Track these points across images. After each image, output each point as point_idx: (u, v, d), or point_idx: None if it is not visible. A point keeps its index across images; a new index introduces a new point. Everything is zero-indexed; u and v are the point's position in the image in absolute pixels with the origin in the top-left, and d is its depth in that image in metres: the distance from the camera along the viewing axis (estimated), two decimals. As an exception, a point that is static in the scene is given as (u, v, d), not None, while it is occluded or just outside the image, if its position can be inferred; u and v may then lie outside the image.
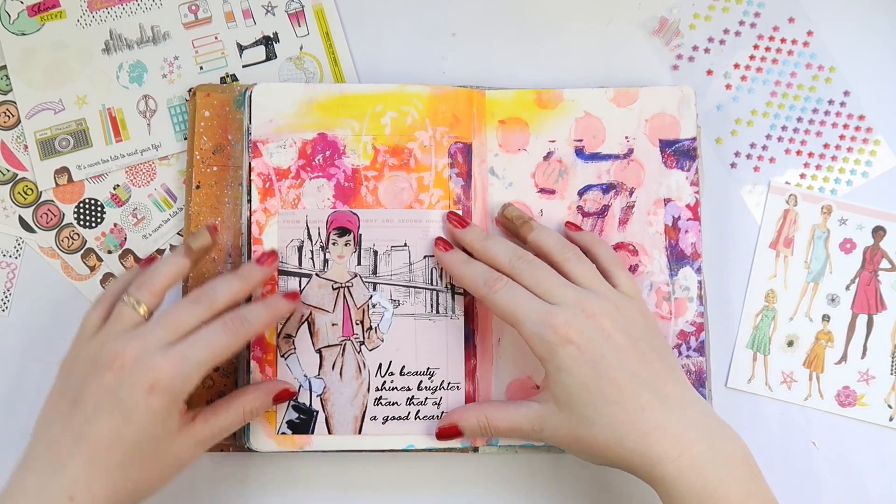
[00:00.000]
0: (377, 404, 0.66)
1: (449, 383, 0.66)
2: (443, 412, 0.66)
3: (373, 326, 0.67)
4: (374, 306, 0.67)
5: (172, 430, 0.59)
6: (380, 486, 0.69)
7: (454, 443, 0.66)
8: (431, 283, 0.67)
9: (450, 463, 0.69)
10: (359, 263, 0.67)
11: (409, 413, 0.66)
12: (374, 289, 0.67)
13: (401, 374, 0.66)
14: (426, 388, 0.66)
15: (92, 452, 0.57)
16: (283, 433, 0.66)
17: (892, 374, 0.70)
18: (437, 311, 0.67)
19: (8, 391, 0.69)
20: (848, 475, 0.69)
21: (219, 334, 0.59)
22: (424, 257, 0.67)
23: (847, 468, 0.69)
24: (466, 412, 0.64)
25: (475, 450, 0.67)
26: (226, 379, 0.68)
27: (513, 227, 0.67)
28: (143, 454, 0.58)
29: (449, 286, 0.67)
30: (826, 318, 0.71)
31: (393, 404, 0.66)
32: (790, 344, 0.70)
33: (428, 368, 0.66)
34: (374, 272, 0.67)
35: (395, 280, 0.67)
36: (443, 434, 0.64)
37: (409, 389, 0.66)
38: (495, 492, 0.69)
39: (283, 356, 0.66)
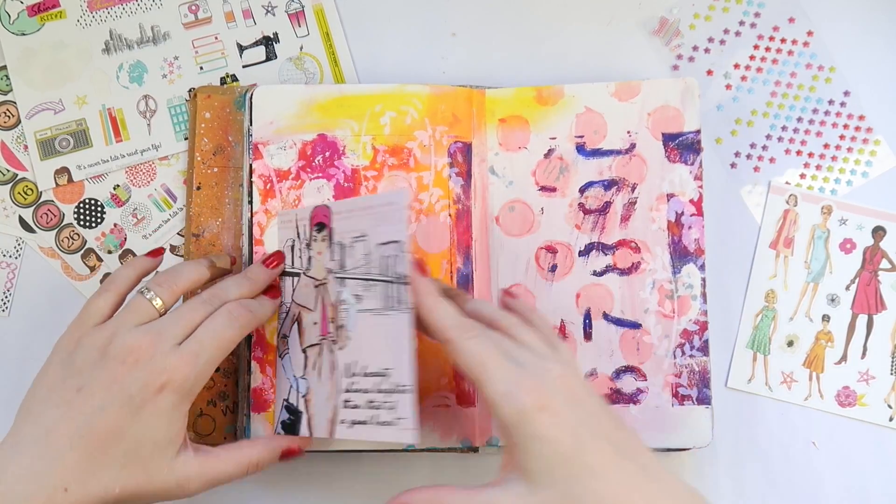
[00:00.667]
0: (346, 406, 0.61)
1: (400, 385, 0.58)
2: (399, 418, 0.58)
3: (342, 324, 0.62)
4: (343, 303, 0.62)
5: (174, 438, 0.58)
6: (379, 486, 0.69)
7: (454, 442, 0.66)
8: (387, 274, 0.60)
9: (449, 463, 0.69)
10: (331, 258, 0.64)
11: (371, 417, 0.60)
12: (343, 284, 0.62)
13: (364, 374, 0.61)
14: (384, 390, 0.59)
15: (93, 445, 0.55)
16: (279, 433, 0.66)
17: (892, 374, 0.70)
18: (393, 306, 0.60)
19: (8, 391, 0.69)
20: (848, 475, 0.69)
21: (226, 329, 0.59)
22: (378, 245, 0.61)
23: (847, 468, 0.69)
24: (419, 493, 0.56)
25: (475, 450, 0.67)
26: (226, 379, 0.68)
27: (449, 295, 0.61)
28: (141, 459, 0.57)
29: (397, 275, 0.60)
30: (826, 318, 0.71)
31: (356, 407, 0.61)
32: (790, 344, 0.70)
33: (385, 369, 0.59)
34: (343, 266, 0.63)
35: (356, 273, 0.62)
36: None
37: (367, 392, 0.60)
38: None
39: (280, 356, 0.66)
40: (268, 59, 0.73)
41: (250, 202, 0.68)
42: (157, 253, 0.65)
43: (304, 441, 0.63)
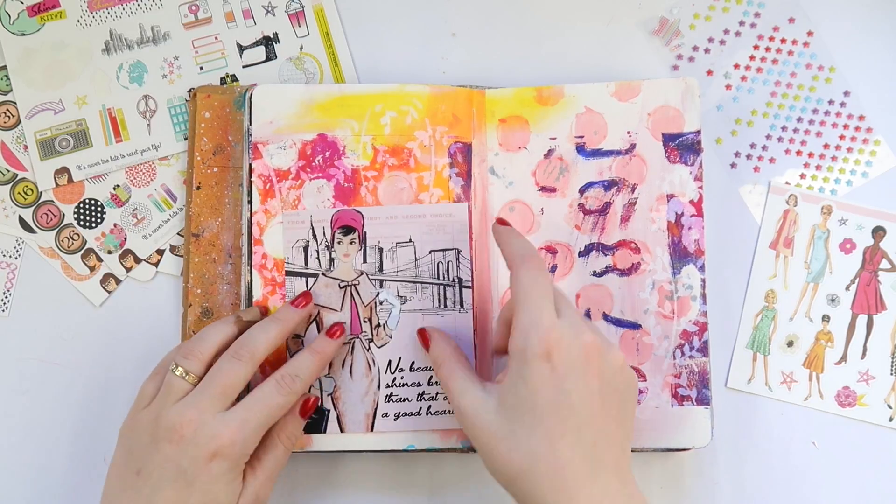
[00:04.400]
0: (388, 401, 0.66)
1: None
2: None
3: (381, 323, 0.67)
4: (381, 303, 0.67)
5: (232, 499, 0.60)
6: (379, 485, 0.69)
7: (454, 442, 0.66)
8: (438, 278, 0.67)
9: (449, 463, 0.69)
10: (364, 261, 0.67)
11: (421, 409, 0.66)
12: (381, 286, 0.67)
13: (410, 370, 0.66)
14: (437, 382, 0.66)
15: None
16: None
17: (891, 374, 0.70)
18: (445, 306, 0.67)
19: (8, 391, 0.69)
20: (848, 475, 0.69)
21: (274, 396, 0.61)
22: (430, 252, 0.67)
23: (847, 468, 0.69)
24: (445, 346, 0.62)
25: (475, 450, 0.67)
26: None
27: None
28: None
29: (457, 279, 0.67)
30: (826, 318, 0.71)
31: (404, 400, 0.66)
32: (790, 344, 0.70)
33: None
34: (381, 269, 0.67)
35: (401, 276, 0.67)
36: (419, 335, 0.65)
37: (419, 385, 0.66)
38: (494, 491, 0.69)
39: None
40: (268, 59, 0.73)
41: (250, 202, 0.68)
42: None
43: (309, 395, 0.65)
